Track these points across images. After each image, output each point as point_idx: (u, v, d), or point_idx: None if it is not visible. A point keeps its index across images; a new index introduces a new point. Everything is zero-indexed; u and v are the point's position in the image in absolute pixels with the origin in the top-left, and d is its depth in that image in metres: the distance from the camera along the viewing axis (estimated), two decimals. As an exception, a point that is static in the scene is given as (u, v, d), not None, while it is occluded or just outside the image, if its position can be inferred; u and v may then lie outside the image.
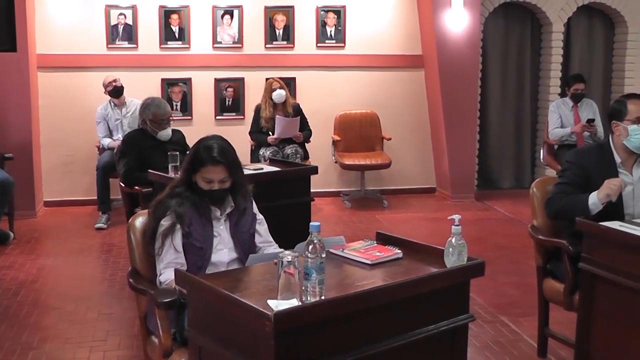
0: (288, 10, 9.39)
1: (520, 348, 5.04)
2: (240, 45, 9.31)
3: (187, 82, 9.26)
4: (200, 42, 9.24)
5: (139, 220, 3.90)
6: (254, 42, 9.36)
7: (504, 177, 10.45)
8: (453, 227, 3.19)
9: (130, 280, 3.80)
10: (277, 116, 8.40)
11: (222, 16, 9.24)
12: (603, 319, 4.09)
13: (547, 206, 4.50)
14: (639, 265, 3.83)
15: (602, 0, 10.27)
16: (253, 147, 8.70)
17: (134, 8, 9.06)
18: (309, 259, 2.80)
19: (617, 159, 4.42)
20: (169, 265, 3.69)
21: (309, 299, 2.80)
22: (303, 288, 2.82)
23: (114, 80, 8.44)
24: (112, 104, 8.51)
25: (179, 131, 6.88)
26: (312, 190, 6.21)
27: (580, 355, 4.25)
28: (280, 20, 9.39)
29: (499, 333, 5.30)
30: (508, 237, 7.68)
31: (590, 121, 8.51)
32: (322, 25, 9.50)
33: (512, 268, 6.73)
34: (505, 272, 6.66)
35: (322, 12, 9.49)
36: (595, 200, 4.22)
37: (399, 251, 3.45)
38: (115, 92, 8.42)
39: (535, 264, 4.74)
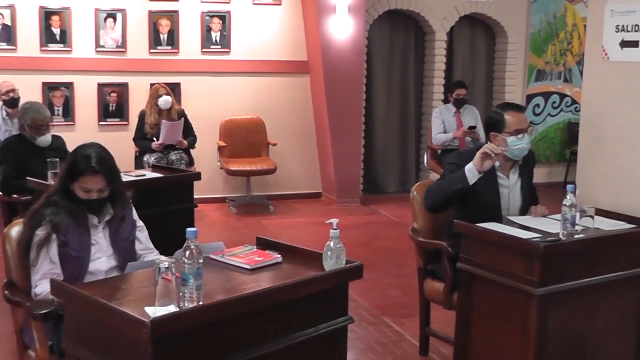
0: (172, 15, 9.31)
1: (403, 348, 5.14)
2: (124, 50, 9.19)
3: (69, 86, 9.06)
4: (82, 45, 9.06)
5: (15, 229, 3.79)
6: (138, 46, 9.25)
7: (389, 181, 10.61)
8: (331, 230, 3.22)
9: (6, 292, 3.68)
10: (162, 121, 8.32)
11: (105, 19, 9.09)
12: (480, 316, 4.22)
13: (425, 198, 4.57)
14: (514, 263, 3.97)
15: (483, 11, 10.58)
16: (137, 154, 8.59)
17: (12, 8, 8.79)
18: (186, 265, 2.79)
19: (496, 164, 4.53)
20: (45, 276, 3.59)
21: (186, 304, 2.79)
22: (180, 294, 2.81)
23: (12, 91, 8.11)
24: (5, 112, 8.18)
25: (59, 137, 6.72)
26: (197, 197, 6.19)
27: (459, 351, 4.38)
28: (164, 25, 9.30)
29: (383, 334, 5.38)
30: (393, 240, 7.82)
31: (472, 128, 8.72)
32: (207, 30, 9.46)
33: (397, 270, 6.84)
34: (390, 274, 6.78)
35: (207, 17, 9.44)
36: (471, 166, 4.31)
37: (279, 256, 3.46)
38: (12, 103, 8.08)
39: (416, 266, 4.84)
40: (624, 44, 4.99)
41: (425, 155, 9.50)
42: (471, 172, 4.33)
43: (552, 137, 11.50)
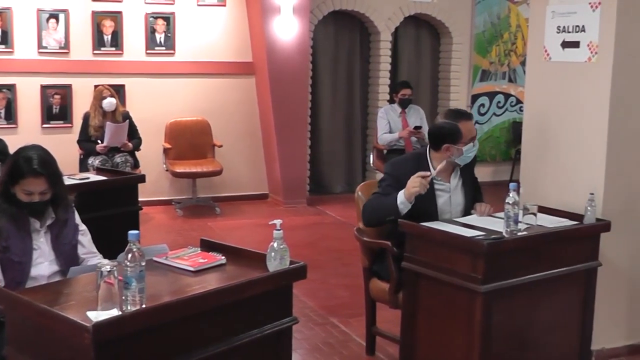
0: (116, 16, 9.22)
1: (350, 348, 5.16)
2: (67, 51, 9.07)
3: (11, 88, 8.91)
4: (24, 46, 8.91)
5: (-45, 234, 3.74)
6: (82, 47, 9.13)
7: (336, 181, 10.63)
8: (274, 231, 3.22)
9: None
10: (107, 123, 8.23)
11: (48, 20, 8.95)
12: (426, 315, 4.26)
13: (362, 214, 4.61)
14: (459, 261, 4.02)
15: (427, 11, 10.67)
16: (82, 156, 8.49)
17: (-49, 9, 8.66)
18: (129, 268, 2.76)
19: (433, 172, 4.51)
20: (-14, 283, 3.54)
21: (129, 308, 2.77)
22: (123, 297, 2.78)
23: None
24: None
25: (1, 140, 6.60)
26: (142, 199, 6.14)
27: (405, 350, 4.42)
28: (108, 26, 9.20)
29: (329, 334, 5.39)
30: (339, 241, 7.83)
31: (417, 128, 8.77)
32: (151, 31, 9.38)
33: (343, 270, 6.86)
34: (337, 274, 6.80)
35: (151, 19, 9.36)
36: (402, 199, 4.32)
37: (223, 257, 3.45)
38: None
39: (362, 266, 4.85)
40: (565, 44, 5.05)
41: (371, 156, 9.54)
42: (403, 204, 4.33)
43: (497, 137, 11.63)
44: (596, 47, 4.85)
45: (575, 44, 4.99)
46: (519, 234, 4.06)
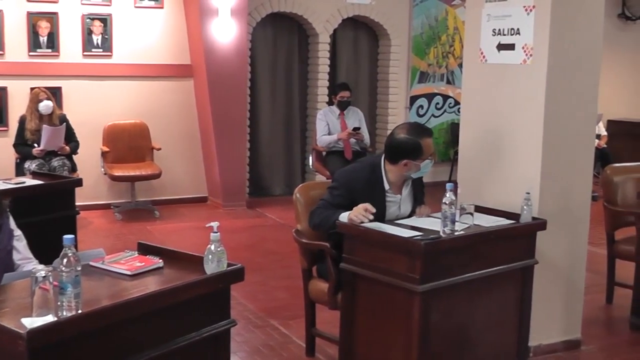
0: (52, 17, 9.09)
1: (290, 350, 5.16)
2: (1, 53, 8.91)
3: (-56, 92, 8.76)
4: (-43, 49, 8.78)
5: None
6: (17, 49, 8.98)
7: (275, 184, 10.62)
8: (212, 234, 3.21)
9: None
10: (43, 126, 8.12)
11: (-19, 22, 8.82)
12: (364, 315, 4.28)
13: (309, 219, 4.61)
14: (396, 262, 4.05)
15: (365, 13, 10.72)
16: (18, 160, 8.36)
17: None
18: (64, 273, 2.72)
19: (386, 186, 4.54)
20: None
21: (64, 313, 2.73)
22: (58, 303, 2.74)
23: None
24: None
25: None
26: (80, 204, 6.09)
27: (344, 350, 4.43)
28: (44, 27, 9.06)
29: (269, 336, 5.39)
30: (279, 243, 7.83)
31: (356, 129, 8.80)
32: (88, 33, 9.27)
33: (283, 272, 6.86)
34: (276, 276, 6.80)
35: (87, 20, 9.25)
36: (345, 221, 4.32)
37: (160, 261, 3.43)
38: None
39: (301, 267, 4.86)
40: (501, 47, 5.12)
41: (311, 157, 9.54)
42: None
43: (436, 138, 11.67)
44: (531, 49, 4.93)
45: (511, 47, 5.06)
46: (456, 233, 4.11)
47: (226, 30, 9.32)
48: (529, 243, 4.61)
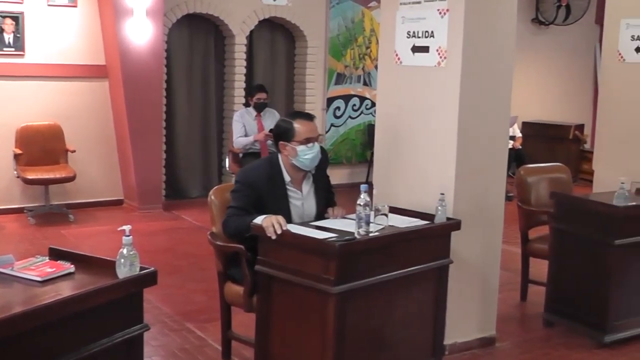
0: (-40, 16, 8.87)
1: (206, 353, 5.12)
2: None
3: None
4: None
5: None
6: None
7: (192, 186, 10.53)
8: (124, 237, 3.16)
9: None
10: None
11: None
12: (280, 318, 4.28)
13: (223, 229, 4.56)
14: (311, 263, 4.05)
15: (282, 15, 10.71)
16: None
17: None
18: (-31, 279, 2.66)
19: (287, 178, 4.57)
20: None
21: (-30, 321, 2.66)
22: (-37, 310, 2.67)
23: None
24: None
25: None
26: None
27: (260, 353, 4.42)
28: (-49, 26, 8.85)
29: (185, 340, 5.34)
30: (196, 245, 7.76)
31: (272, 131, 8.75)
32: (-1, 32, 9.07)
33: (200, 275, 6.81)
34: (194, 279, 6.75)
35: (-2, 18, 9.05)
36: (258, 222, 4.28)
37: (71, 266, 3.36)
38: None
39: (216, 270, 4.82)
40: (415, 49, 5.16)
41: (227, 159, 9.48)
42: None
43: (353, 139, 11.79)
44: (445, 52, 4.98)
45: (425, 49, 5.11)
46: (371, 234, 4.13)
47: (141, 31, 9.21)
48: (444, 243, 4.67)
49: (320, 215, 4.66)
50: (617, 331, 5.46)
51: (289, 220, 4.44)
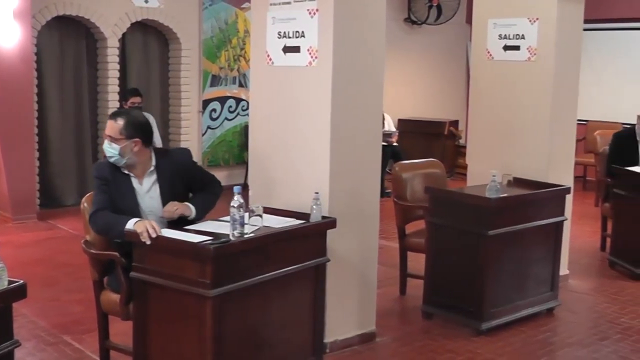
0: None
1: (84, 365, 5.02)
2: None
3: None
4: None
5: None
6: None
7: (68, 193, 10.25)
8: (-9, 250, 3.07)
9: None
10: None
11: None
12: (157, 324, 4.24)
13: (91, 223, 4.52)
14: (187, 267, 4.04)
15: (154, 17, 10.59)
16: None
17: None
18: None
19: (125, 171, 4.57)
20: None
21: None
22: None
23: None
24: None
25: None
26: None
27: (138, 360, 4.35)
28: None
29: (62, 354, 5.20)
30: (72, 255, 7.55)
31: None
32: None
33: (77, 285, 6.64)
34: (71, 290, 6.59)
35: None
36: (131, 228, 4.25)
37: None
38: None
39: (92, 279, 4.73)
40: (287, 49, 5.18)
41: (102, 164, 9.30)
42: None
43: (230, 141, 11.76)
44: (316, 51, 5.02)
45: (296, 49, 5.14)
46: (246, 236, 4.13)
47: (9, 34, 8.92)
48: (320, 242, 4.71)
49: None
50: (492, 318, 5.63)
51: (136, 212, 4.44)
